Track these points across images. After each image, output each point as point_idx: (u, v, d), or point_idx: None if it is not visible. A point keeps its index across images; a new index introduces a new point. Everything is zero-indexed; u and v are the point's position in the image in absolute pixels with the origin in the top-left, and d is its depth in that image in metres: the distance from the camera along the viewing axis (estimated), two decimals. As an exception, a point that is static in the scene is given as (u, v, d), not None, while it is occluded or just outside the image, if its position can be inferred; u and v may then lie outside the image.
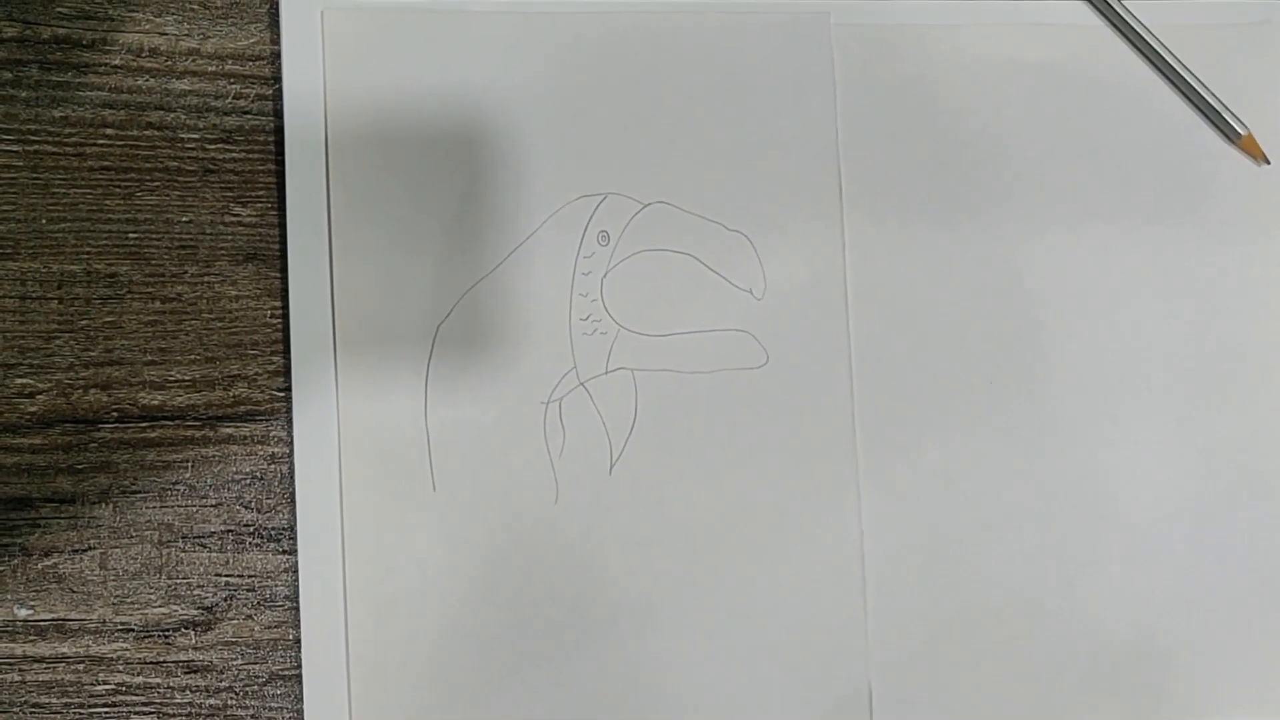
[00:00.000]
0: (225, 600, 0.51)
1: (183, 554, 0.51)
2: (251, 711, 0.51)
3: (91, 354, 0.51)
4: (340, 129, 0.52)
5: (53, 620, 0.51)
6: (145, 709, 0.51)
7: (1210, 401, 0.56)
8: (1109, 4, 0.57)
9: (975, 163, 0.56)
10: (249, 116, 0.53)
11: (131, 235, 0.52)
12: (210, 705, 0.51)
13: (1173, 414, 0.56)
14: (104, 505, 0.51)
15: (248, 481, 0.51)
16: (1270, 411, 0.56)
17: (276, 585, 0.52)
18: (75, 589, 0.51)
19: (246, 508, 0.52)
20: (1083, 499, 0.55)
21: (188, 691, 0.51)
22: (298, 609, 0.51)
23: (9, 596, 0.51)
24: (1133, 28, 0.57)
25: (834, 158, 0.55)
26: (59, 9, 0.52)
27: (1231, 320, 0.57)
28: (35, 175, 0.52)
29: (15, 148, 0.52)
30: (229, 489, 0.52)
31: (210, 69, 0.53)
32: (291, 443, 0.52)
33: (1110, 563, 0.55)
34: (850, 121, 0.56)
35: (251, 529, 0.52)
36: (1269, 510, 0.56)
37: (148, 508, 0.51)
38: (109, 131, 0.52)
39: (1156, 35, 0.57)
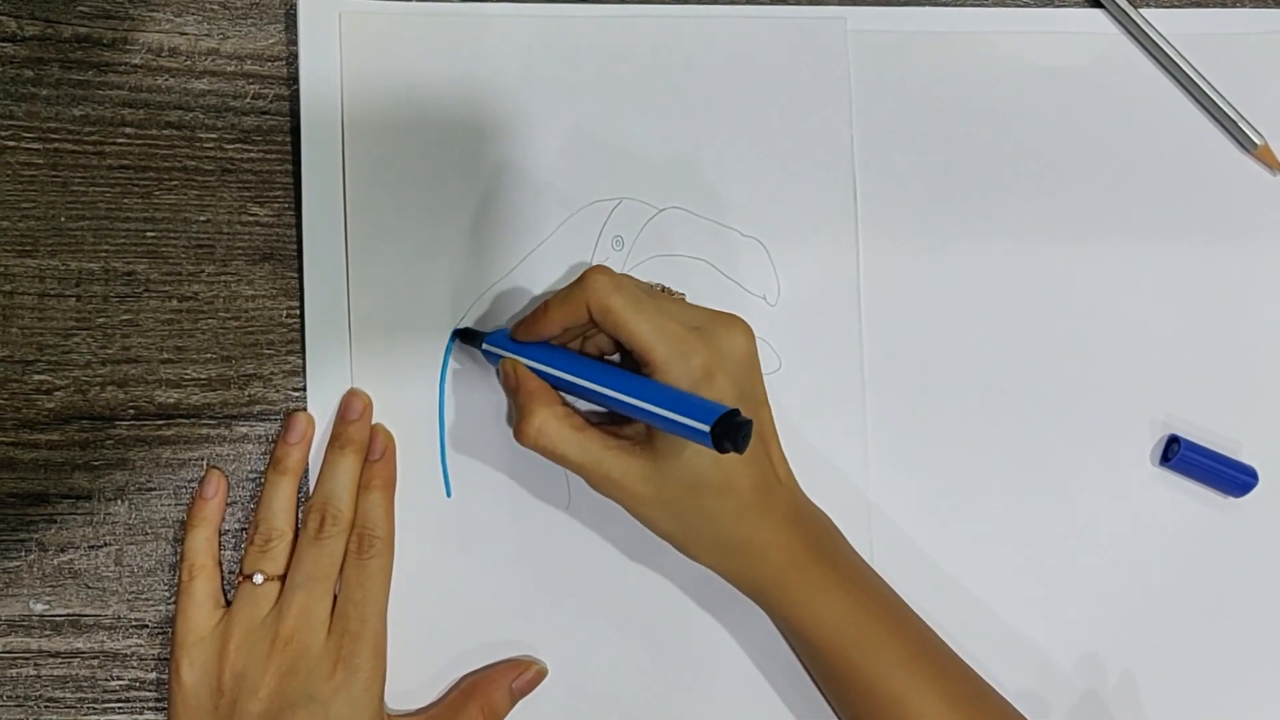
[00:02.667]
0: (239, 597, 0.51)
1: (197, 551, 0.52)
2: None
3: (109, 351, 0.52)
4: (357, 130, 0.52)
5: (68, 615, 0.51)
6: (159, 704, 0.51)
7: (1232, 410, 0.56)
8: (1126, 13, 0.57)
9: (991, 171, 0.56)
10: (267, 116, 0.53)
11: (149, 234, 0.52)
12: (223, 701, 0.51)
13: (1191, 423, 0.56)
14: (120, 502, 0.51)
15: (262, 481, 0.52)
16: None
17: (290, 583, 0.52)
18: (91, 585, 0.51)
19: (261, 506, 0.52)
20: (1090, 512, 0.56)
21: (201, 687, 0.51)
22: (310, 607, 0.51)
23: (25, 591, 0.51)
24: (1149, 37, 0.57)
25: (849, 164, 0.55)
26: (80, 8, 0.52)
27: (1250, 327, 0.57)
28: (55, 173, 0.52)
29: (35, 145, 0.52)
30: (244, 488, 0.52)
31: (229, 69, 0.53)
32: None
33: (1109, 579, 0.55)
34: (866, 128, 0.56)
35: (265, 527, 0.52)
36: None
37: (163, 505, 0.52)
38: (128, 130, 0.52)
39: (1173, 44, 0.57)
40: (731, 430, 0.41)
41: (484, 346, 0.51)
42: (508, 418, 0.52)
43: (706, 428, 0.41)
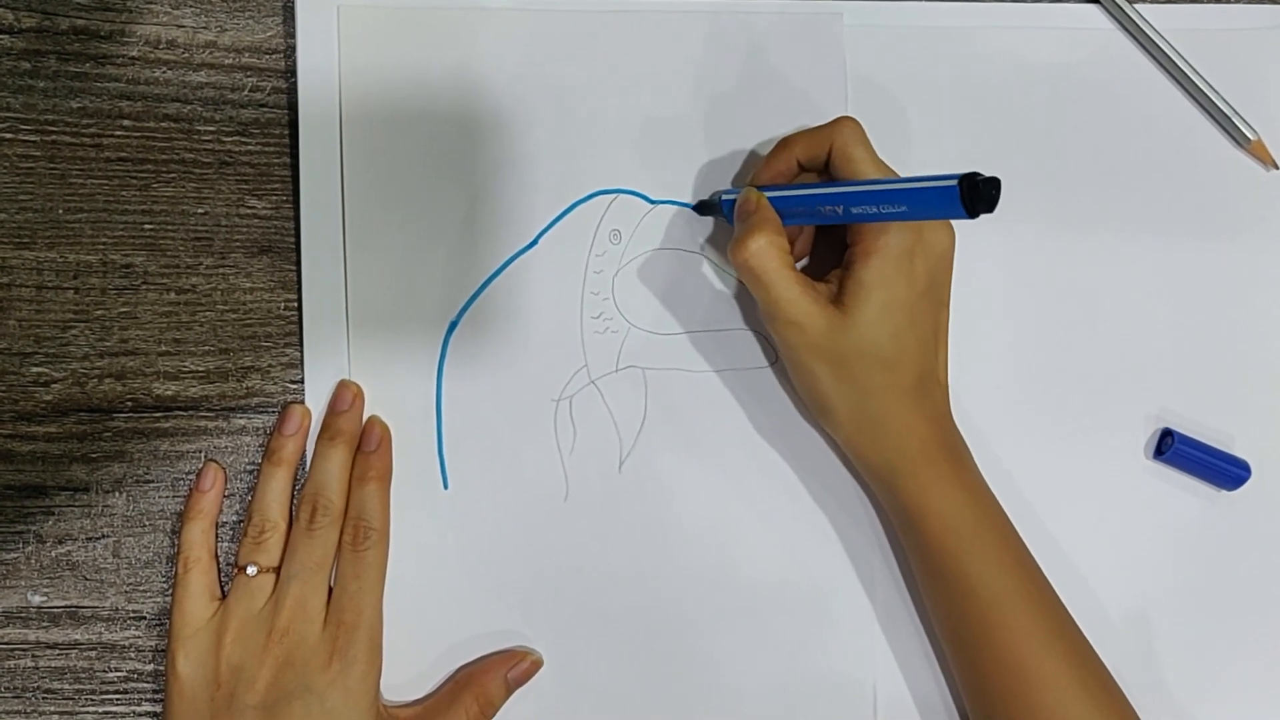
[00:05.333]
0: (236, 589, 0.52)
1: (195, 543, 0.52)
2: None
3: (107, 344, 0.52)
4: (355, 123, 0.53)
5: (66, 607, 0.51)
6: (156, 696, 0.51)
7: (1225, 403, 0.57)
8: (1121, 8, 0.57)
9: (985, 165, 0.56)
10: (265, 109, 0.53)
11: (147, 226, 0.52)
12: (220, 693, 0.51)
13: (1184, 417, 0.56)
14: (117, 494, 0.52)
15: (258, 473, 0.52)
16: None
17: (287, 575, 0.52)
18: (88, 576, 0.51)
19: (258, 498, 0.52)
20: (1083, 505, 0.56)
21: (198, 679, 0.51)
22: (308, 599, 0.51)
23: (23, 583, 0.51)
24: (1144, 32, 0.57)
25: (845, 158, 0.55)
26: (77, 0, 0.52)
27: (1244, 321, 0.57)
28: (52, 165, 0.52)
29: (33, 138, 0.52)
30: (242, 480, 0.52)
31: (227, 61, 0.53)
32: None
33: (1121, 571, 0.56)
34: (861, 121, 0.55)
35: (263, 519, 0.52)
36: None
37: (161, 497, 0.52)
38: (126, 123, 0.52)
39: (1168, 39, 0.57)
40: (977, 189, 0.42)
41: (723, 198, 0.52)
42: (504, 415, 0.53)
43: (954, 182, 0.42)
